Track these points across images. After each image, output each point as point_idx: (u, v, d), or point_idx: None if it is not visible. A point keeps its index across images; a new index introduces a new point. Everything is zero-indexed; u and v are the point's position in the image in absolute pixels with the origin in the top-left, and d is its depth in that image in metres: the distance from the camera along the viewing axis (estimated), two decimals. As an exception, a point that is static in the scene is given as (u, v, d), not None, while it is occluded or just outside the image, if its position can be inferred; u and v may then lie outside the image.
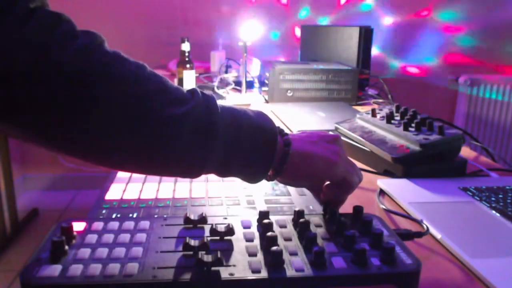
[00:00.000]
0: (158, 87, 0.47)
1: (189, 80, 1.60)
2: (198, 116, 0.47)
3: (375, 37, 1.84)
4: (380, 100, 1.60)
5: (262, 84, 1.76)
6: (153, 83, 0.47)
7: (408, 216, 0.67)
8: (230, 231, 0.49)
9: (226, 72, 1.90)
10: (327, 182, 0.58)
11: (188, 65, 1.59)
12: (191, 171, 0.50)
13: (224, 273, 0.43)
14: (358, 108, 1.45)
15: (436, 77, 2.62)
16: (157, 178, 0.76)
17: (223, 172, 0.52)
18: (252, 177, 0.53)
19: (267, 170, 0.52)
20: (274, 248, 0.45)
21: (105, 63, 0.45)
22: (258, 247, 0.48)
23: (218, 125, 0.48)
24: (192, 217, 0.52)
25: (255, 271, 0.43)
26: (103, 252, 0.45)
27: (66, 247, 0.45)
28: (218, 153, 0.49)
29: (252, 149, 0.50)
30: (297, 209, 0.54)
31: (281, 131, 0.55)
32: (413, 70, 2.60)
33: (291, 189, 0.73)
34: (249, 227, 0.52)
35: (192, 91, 0.50)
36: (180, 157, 0.48)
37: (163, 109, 0.46)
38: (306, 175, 0.55)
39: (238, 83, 1.70)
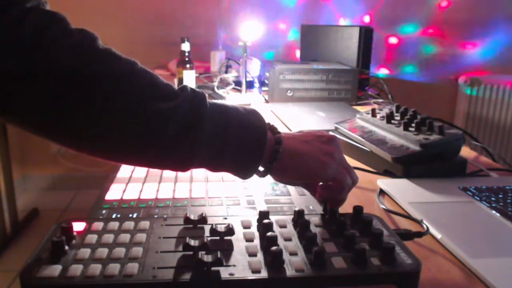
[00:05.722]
0: (148, 83, 0.49)
1: (189, 80, 1.60)
2: (186, 110, 0.49)
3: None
4: (380, 100, 1.60)
5: (262, 84, 1.76)
6: (143, 79, 0.49)
7: (408, 216, 0.67)
8: (230, 231, 0.49)
9: (226, 72, 1.90)
10: (321, 182, 0.58)
11: (188, 65, 1.59)
12: (181, 165, 0.51)
13: (224, 273, 0.43)
14: (358, 108, 1.45)
15: (436, 77, 2.62)
16: (157, 178, 0.76)
17: (213, 166, 0.53)
18: (242, 172, 0.53)
19: (256, 166, 0.53)
20: (274, 248, 0.45)
21: (98, 60, 0.46)
22: (258, 247, 0.48)
23: (205, 120, 0.49)
24: (192, 217, 0.52)
25: (255, 271, 0.43)
26: (103, 252, 0.45)
27: (66, 247, 0.46)
28: (207, 148, 0.50)
29: (241, 144, 0.51)
30: (297, 209, 0.54)
31: (274, 129, 0.55)
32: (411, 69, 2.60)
33: (291, 189, 0.73)
34: (249, 227, 0.52)
35: (182, 88, 0.51)
36: (169, 150, 0.49)
37: (152, 103, 0.47)
38: (296, 173, 0.56)
39: (238, 83, 1.70)
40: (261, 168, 0.54)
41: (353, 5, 2.49)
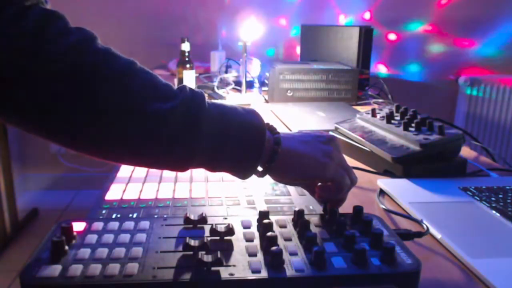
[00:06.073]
0: (147, 83, 0.49)
1: (189, 80, 1.60)
2: (184, 111, 0.49)
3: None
4: (380, 100, 1.60)
5: (262, 84, 1.76)
6: (142, 79, 0.49)
7: (408, 216, 0.67)
8: (230, 231, 0.49)
9: (226, 72, 1.90)
10: (320, 183, 0.58)
11: (188, 65, 1.59)
12: (179, 165, 0.51)
13: (224, 273, 0.43)
14: (358, 108, 1.45)
15: (436, 77, 2.62)
16: (157, 178, 0.76)
17: (212, 166, 0.53)
18: (241, 172, 0.54)
19: (254, 167, 0.53)
20: (274, 248, 0.45)
21: (96, 60, 0.46)
22: (258, 247, 0.48)
23: (203, 120, 0.49)
24: (192, 217, 0.52)
25: (255, 271, 0.43)
26: (103, 252, 0.45)
27: (66, 247, 0.46)
28: (205, 148, 0.50)
29: (239, 145, 0.51)
30: (297, 209, 0.54)
31: (273, 129, 0.55)
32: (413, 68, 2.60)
33: (291, 189, 0.73)
34: (249, 227, 0.52)
35: (181, 88, 0.51)
36: (167, 151, 0.49)
37: (151, 104, 0.47)
38: (295, 174, 0.56)
39: (238, 83, 1.70)
40: (260, 168, 0.54)
41: (353, 2, 2.49)
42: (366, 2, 2.48)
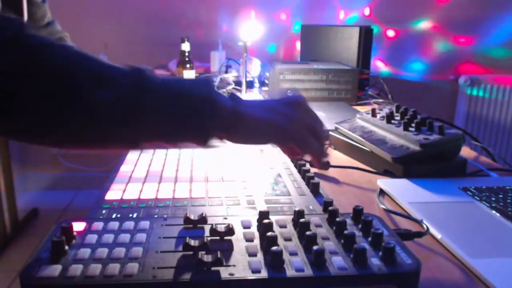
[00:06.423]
0: (87, 72, 0.48)
1: (189, 80, 1.60)
2: (129, 91, 0.48)
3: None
4: (380, 100, 1.60)
5: (262, 84, 1.76)
6: (80, 67, 0.48)
7: (408, 216, 0.67)
8: (230, 231, 0.49)
9: (226, 72, 1.90)
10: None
11: (188, 65, 1.59)
12: (130, 144, 0.52)
13: (224, 273, 0.43)
14: (358, 108, 1.45)
15: (436, 77, 2.62)
16: (157, 178, 0.76)
17: (165, 140, 0.53)
18: (196, 142, 0.54)
19: (209, 136, 0.53)
20: (274, 248, 0.45)
21: (32, 51, 0.45)
22: (258, 247, 0.48)
23: (148, 99, 0.49)
24: (192, 217, 0.52)
25: (255, 271, 0.43)
26: (103, 252, 0.45)
27: (66, 247, 0.46)
28: (153, 127, 0.50)
29: (187, 119, 0.51)
30: (297, 209, 0.54)
31: (234, 97, 0.56)
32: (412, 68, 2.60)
33: (291, 189, 0.73)
34: (249, 227, 0.52)
35: (126, 68, 0.50)
36: (113, 134, 0.50)
37: (91, 93, 0.47)
38: (253, 139, 0.57)
39: (238, 83, 1.70)
40: (219, 135, 0.55)
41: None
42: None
